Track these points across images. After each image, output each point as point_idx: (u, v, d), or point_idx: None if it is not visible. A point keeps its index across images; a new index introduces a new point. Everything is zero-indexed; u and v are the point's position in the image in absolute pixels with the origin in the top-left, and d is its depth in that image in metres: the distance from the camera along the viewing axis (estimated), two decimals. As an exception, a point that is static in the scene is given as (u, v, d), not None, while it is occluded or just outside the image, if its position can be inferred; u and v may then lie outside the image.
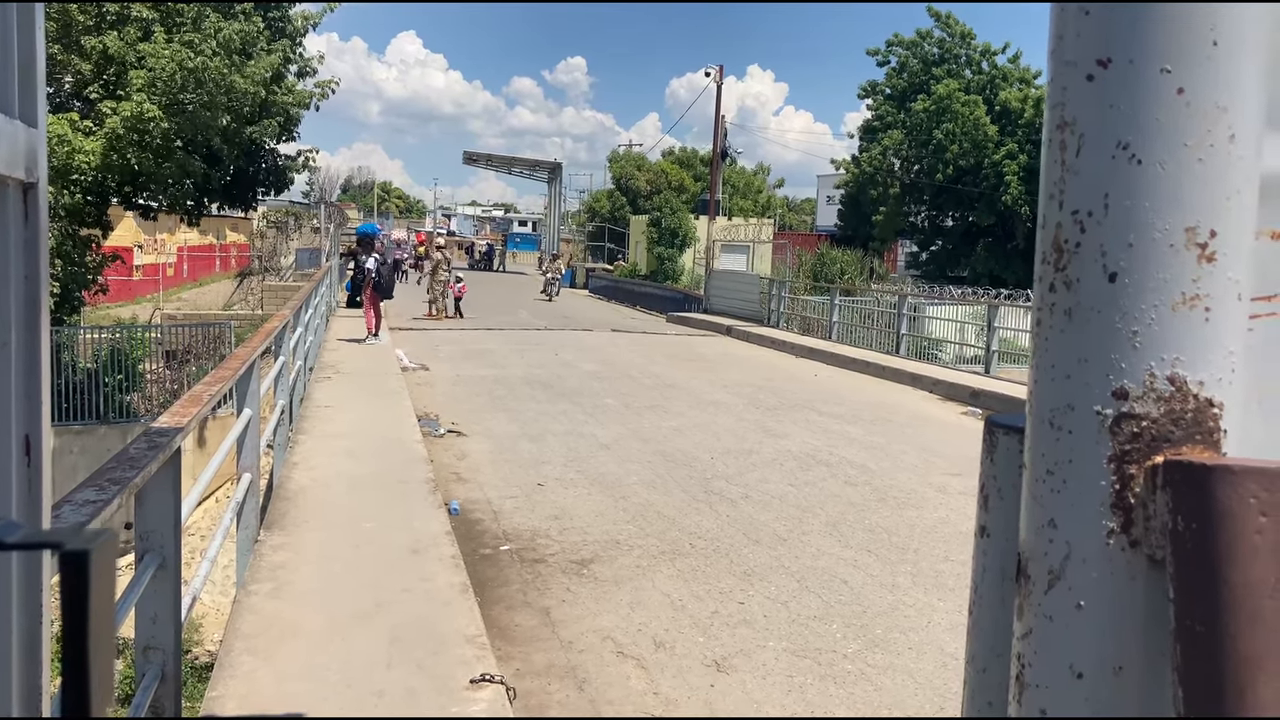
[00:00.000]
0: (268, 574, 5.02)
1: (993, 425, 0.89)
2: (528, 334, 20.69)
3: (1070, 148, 0.73)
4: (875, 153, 42.02)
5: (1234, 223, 0.70)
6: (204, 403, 3.70)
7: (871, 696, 4.68)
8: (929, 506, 7.96)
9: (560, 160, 55.18)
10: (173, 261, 40.14)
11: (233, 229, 48.67)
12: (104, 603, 0.63)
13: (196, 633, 11.80)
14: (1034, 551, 0.76)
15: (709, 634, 5.30)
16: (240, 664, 3.94)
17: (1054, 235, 0.75)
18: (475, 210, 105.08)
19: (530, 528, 7.04)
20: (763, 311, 23.12)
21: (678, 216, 41.12)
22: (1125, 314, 0.71)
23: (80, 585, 0.60)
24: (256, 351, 5.80)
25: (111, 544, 0.64)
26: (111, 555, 0.64)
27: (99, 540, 0.62)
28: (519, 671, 4.70)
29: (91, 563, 0.60)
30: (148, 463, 2.59)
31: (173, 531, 2.97)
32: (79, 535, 0.62)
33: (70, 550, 0.60)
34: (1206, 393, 0.70)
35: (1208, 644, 0.64)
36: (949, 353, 19.13)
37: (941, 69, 40.85)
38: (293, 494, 6.57)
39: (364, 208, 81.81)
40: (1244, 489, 0.65)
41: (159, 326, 23.38)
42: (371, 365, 13.60)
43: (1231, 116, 0.70)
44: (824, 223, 52.54)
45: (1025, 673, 0.76)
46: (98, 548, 0.62)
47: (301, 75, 21.01)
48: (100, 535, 0.63)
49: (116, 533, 0.70)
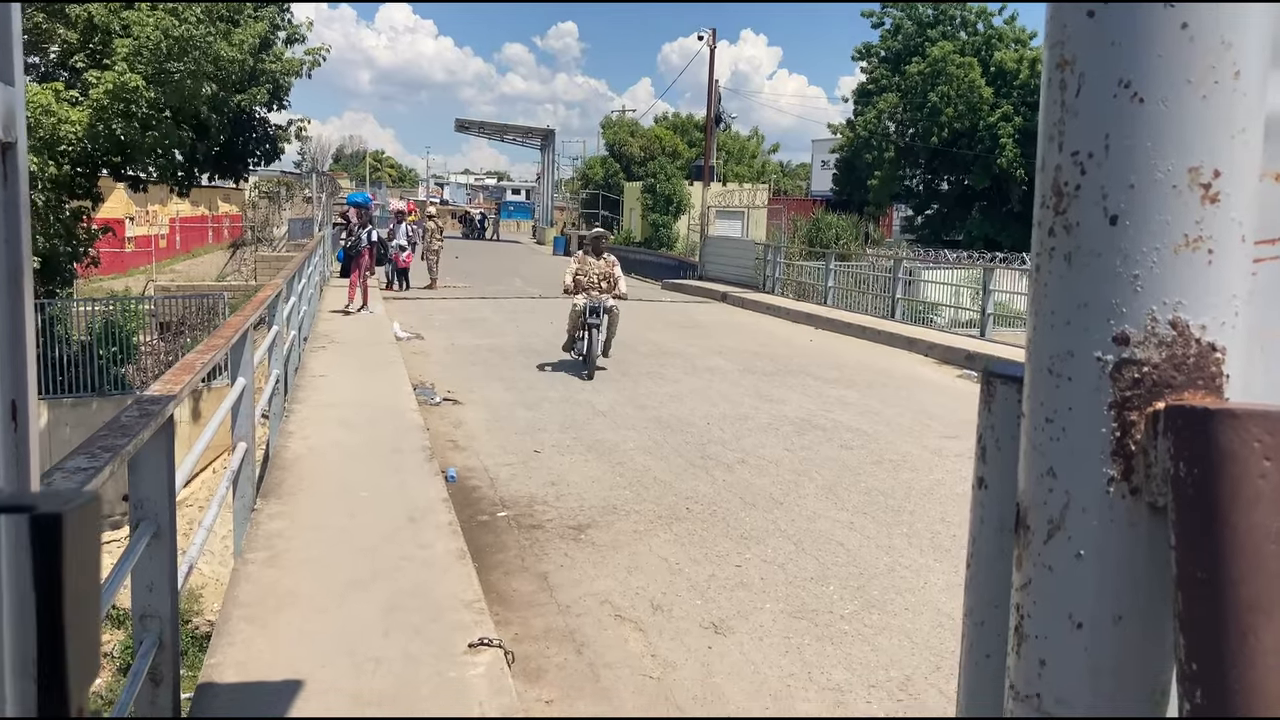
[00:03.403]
0: (264, 542, 5.03)
1: (991, 375, 0.87)
2: (522, 302, 20.64)
3: (1070, 87, 0.71)
4: (870, 116, 41.77)
5: (1238, 163, 0.69)
6: (196, 370, 3.68)
7: (868, 656, 4.71)
8: (925, 469, 7.98)
9: (553, 127, 54.98)
10: (165, 233, 39.93)
11: (224, 200, 48.38)
12: (83, 572, 0.58)
13: (197, 602, 11.87)
14: (1033, 501, 0.74)
15: (706, 597, 5.32)
16: (238, 632, 3.95)
17: (1053, 178, 0.73)
18: (468, 179, 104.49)
19: (527, 494, 7.05)
20: (758, 277, 23.08)
21: (672, 183, 40.94)
22: (1126, 257, 0.69)
23: (52, 553, 0.55)
24: (249, 320, 5.78)
25: (91, 509, 0.59)
26: (92, 521, 0.59)
27: (74, 503, 0.58)
28: (517, 636, 4.72)
29: (66, 528, 0.56)
30: (140, 430, 2.57)
31: (167, 499, 2.96)
32: (53, 498, 0.57)
33: (41, 514, 0.56)
34: (1209, 337, 0.69)
35: (1210, 590, 0.63)
36: (944, 316, 19.12)
37: (936, 30, 40.53)
38: (289, 463, 6.57)
39: (356, 177, 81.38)
40: (1247, 433, 0.63)
41: (152, 298, 23.28)
42: (366, 335, 13.58)
43: (1236, 52, 0.68)
44: (819, 188, 52.31)
45: (1024, 624, 0.75)
46: (73, 512, 0.57)
47: (290, 43, 20.77)
48: (76, 498, 0.58)
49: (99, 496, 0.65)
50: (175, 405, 3.13)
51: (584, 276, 12.11)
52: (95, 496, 0.61)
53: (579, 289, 12.00)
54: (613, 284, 12.09)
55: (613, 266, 12.19)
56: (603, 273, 12.09)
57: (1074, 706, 0.72)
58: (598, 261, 12.19)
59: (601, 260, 12.20)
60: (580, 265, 12.20)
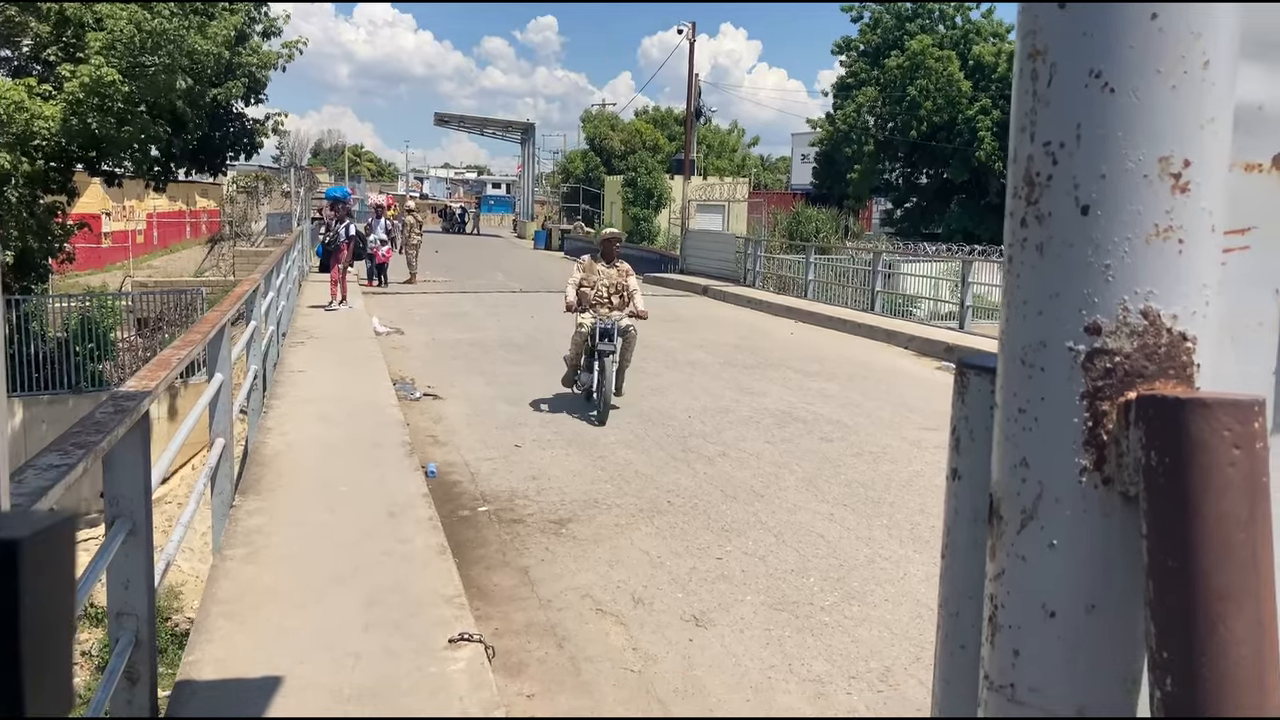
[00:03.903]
0: (243, 539, 5.00)
1: (964, 366, 0.88)
2: (503, 296, 20.59)
3: (1042, 77, 0.71)
4: (849, 110, 41.88)
5: (1208, 152, 0.69)
6: (173, 366, 3.65)
7: (849, 648, 4.73)
8: (904, 461, 8.02)
9: (533, 121, 54.75)
10: (142, 228, 39.60)
11: (202, 194, 48.02)
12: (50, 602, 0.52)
13: (176, 600, 11.78)
14: (1006, 492, 0.75)
15: (687, 590, 5.33)
16: (217, 628, 3.93)
17: (1025, 168, 0.73)
18: (448, 173, 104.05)
19: (508, 489, 7.04)
20: (739, 271, 23.10)
21: (653, 176, 40.89)
22: (1098, 247, 0.69)
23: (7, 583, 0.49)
24: (227, 315, 5.73)
25: (61, 532, 0.53)
26: (62, 545, 0.53)
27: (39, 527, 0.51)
28: (498, 631, 4.71)
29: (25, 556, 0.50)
30: (115, 426, 2.55)
31: (143, 496, 2.93)
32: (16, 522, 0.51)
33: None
34: (1180, 326, 0.69)
35: (1180, 578, 0.63)
36: (923, 309, 19.21)
37: (915, 24, 40.67)
38: (267, 459, 6.53)
39: (335, 171, 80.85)
40: (1218, 422, 0.64)
41: (130, 294, 23.09)
42: (345, 330, 13.51)
43: (1205, 43, 0.68)
44: (799, 181, 52.42)
45: (998, 614, 0.75)
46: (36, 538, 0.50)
47: (267, 36, 20.62)
48: (41, 522, 0.52)
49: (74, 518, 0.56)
50: (151, 401, 3.11)
51: (590, 288, 9.48)
52: (69, 519, 0.55)
53: (584, 305, 9.43)
54: (627, 299, 9.52)
55: (627, 276, 9.57)
56: (615, 284, 9.49)
57: (1047, 695, 0.72)
58: (608, 270, 9.57)
59: (613, 268, 9.59)
60: (586, 274, 9.57)
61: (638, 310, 9.52)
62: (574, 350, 9.35)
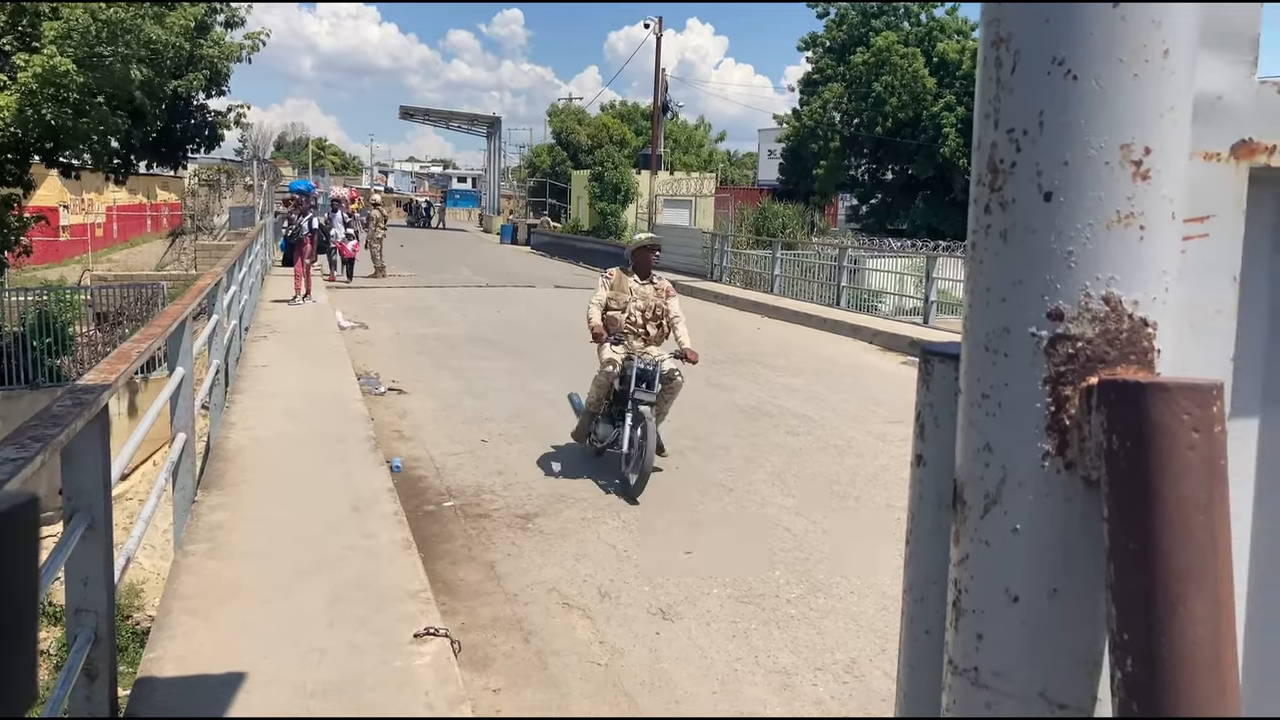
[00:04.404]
0: (206, 534, 4.94)
1: (928, 353, 0.88)
2: (469, 291, 20.49)
3: (1005, 64, 0.72)
4: (816, 106, 42.07)
5: (1168, 140, 0.69)
6: (132, 360, 3.59)
7: (814, 640, 4.76)
8: (869, 454, 8.07)
9: (499, 115, 54.50)
10: (101, 221, 38.99)
11: (163, 187, 47.39)
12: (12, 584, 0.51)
13: (137, 598, 11.63)
14: (970, 477, 0.75)
15: (654, 583, 5.34)
16: (179, 625, 3.88)
17: (989, 155, 0.73)
18: (413, 167, 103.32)
19: (474, 483, 7.01)
20: (706, 266, 23.15)
21: (620, 171, 40.83)
22: (1060, 233, 0.70)
23: None
24: (188, 309, 5.66)
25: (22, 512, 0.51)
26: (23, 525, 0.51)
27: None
28: (464, 625, 4.70)
29: None
30: (73, 420, 2.51)
31: (102, 491, 2.89)
32: None
33: None
34: (1141, 312, 0.70)
35: (1141, 560, 0.64)
36: (889, 304, 19.34)
37: (880, 21, 40.90)
38: (230, 454, 6.47)
39: (299, 165, 79.99)
40: (1177, 406, 0.64)
41: (88, 288, 22.73)
42: (309, 324, 13.39)
43: (1165, 31, 0.68)
44: (766, 177, 52.54)
45: (962, 598, 0.76)
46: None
47: (229, 26, 20.36)
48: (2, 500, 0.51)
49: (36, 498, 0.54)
50: (110, 394, 3.06)
51: (620, 311, 7.34)
52: (32, 499, 0.53)
53: (611, 333, 7.32)
54: (666, 328, 7.39)
55: (667, 298, 7.42)
56: (651, 307, 7.36)
57: (1010, 679, 0.72)
58: (642, 288, 7.41)
59: (649, 286, 7.45)
60: (615, 291, 7.40)
61: (684, 347, 7.15)
62: (595, 394, 7.25)
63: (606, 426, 7.32)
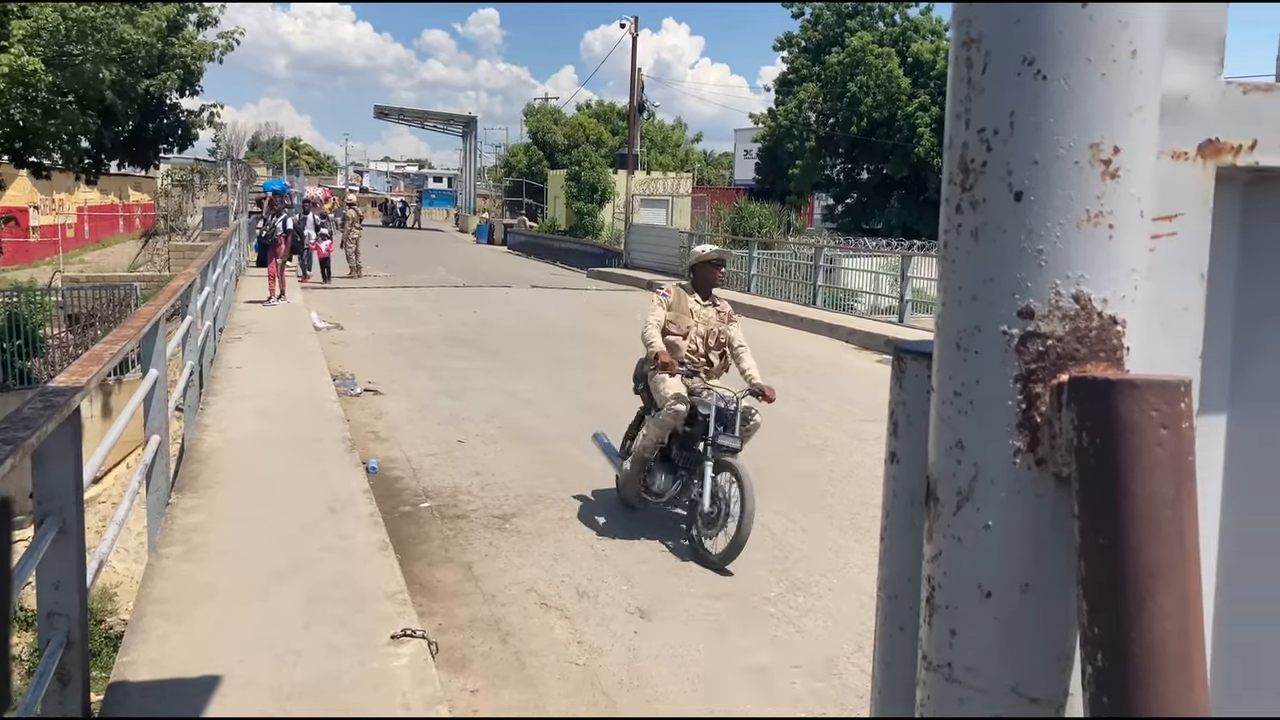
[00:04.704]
0: (180, 536, 4.90)
1: (901, 352, 0.89)
2: (446, 291, 20.41)
3: (976, 65, 0.72)
4: (791, 106, 42.14)
5: (1137, 139, 0.70)
6: (105, 361, 3.56)
7: (792, 638, 4.77)
8: (845, 453, 8.11)
9: (475, 114, 54.40)
10: (72, 222, 38.54)
11: (135, 188, 46.90)
12: None
13: (110, 602, 11.52)
14: (942, 473, 0.75)
15: (632, 582, 5.34)
16: (153, 628, 3.85)
17: (960, 155, 0.74)
18: (389, 166, 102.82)
19: (451, 484, 6.99)
20: (683, 265, 23.15)
21: (596, 171, 40.80)
22: (1031, 232, 0.70)
23: None
24: (161, 310, 5.62)
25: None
26: None
27: None
28: (441, 626, 4.68)
29: None
30: (43, 423, 2.48)
31: (74, 494, 2.86)
32: None
33: None
34: (1110, 310, 0.70)
35: (1110, 556, 0.65)
36: (864, 303, 19.42)
37: (855, 21, 41.03)
38: (204, 456, 6.41)
39: (273, 165, 79.40)
40: (1146, 403, 0.65)
41: (59, 289, 22.45)
42: (284, 325, 13.30)
43: (1133, 32, 0.69)
44: (742, 176, 52.63)
45: (935, 594, 0.76)
46: None
47: (201, 26, 20.19)
48: None
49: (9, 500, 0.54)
50: (82, 397, 3.03)
51: (681, 336, 6.26)
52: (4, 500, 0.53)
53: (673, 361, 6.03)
54: (729, 357, 6.37)
55: (729, 323, 6.41)
56: (715, 333, 6.33)
57: (983, 674, 0.73)
58: (703, 308, 6.37)
59: (712, 307, 6.41)
60: (676, 313, 6.32)
61: (755, 381, 6.13)
62: (653, 437, 6.00)
63: (665, 476, 6.10)
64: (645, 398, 6.44)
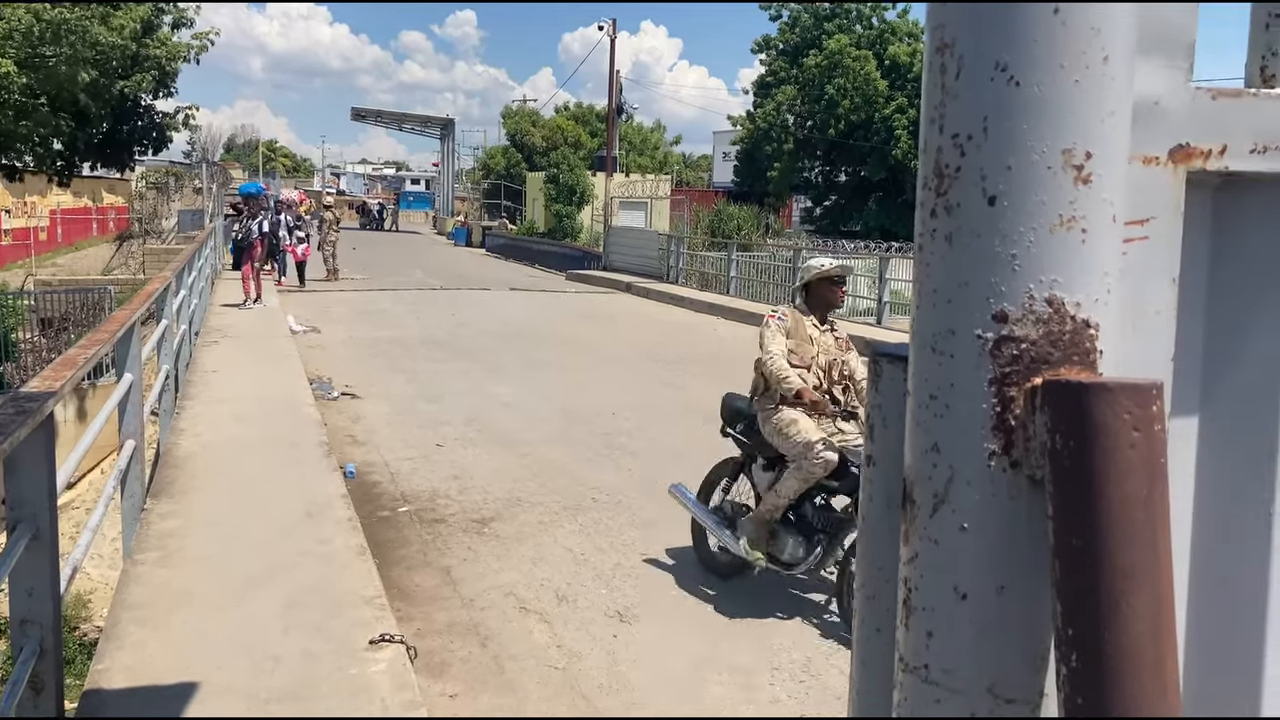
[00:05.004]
0: (156, 542, 4.86)
1: (877, 355, 0.89)
2: (423, 294, 20.35)
3: (950, 70, 0.73)
4: (769, 108, 42.28)
5: (1109, 145, 0.71)
6: (79, 365, 3.53)
7: (772, 639, 4.78)
8: (825, 455, 8.12)
9: (453, 116, 54.34)
10: (45, 225, 38.11)
11: (109, 190, 46.45)
12: None
13: (85, 609, 11.40)
14: (918, 476, 0.76)
15: (611, 586, 5.34)
16: (128, 635, 3.81)
17: (934, 160, 0.74)
18: (366, 169, 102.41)
19: (429, 488, 6.96)
20: (662, 268, 23.19)
21: (575, 173, 40.77)
22: (1004, 237, 0.71)
23: None
24: (136, 314, 5.57)
25: None
26: None
27: None
28: (420, 631, 4.66)
29: None
30: (16, 428, 2.46)
31: (47, 500, 2.83)
32: None
33: None
34: (1083, 314, 0.71)
35: (1084, 558, 0.65)
36: (842, 305, 19.49)
37: (833, 24, 41.21)
38: (180, 460, 6.36)
39: (249, 167, 78.90)
40: (1119, 405, 0.66)
41: (32, 293, 22.23)
42: (260, 329, 13.21)
43: (1105, 38, 0.70)
44: (720, 179, 52.73)
45: (912, 596, 0.76)
46: None
47: (176, 27, 20.07)
48: None
49: None
50: (55, 402, 3.00)
51: (803, 365, 5.32)
52: None
53: None
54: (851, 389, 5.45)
55: (848, 350, 5.57)
56: (837, 363, 5.48)
57: (959, 675, 0.73)
58: (822, 335, 5.52)
59: (830, 333, 5.57)
60: (796, 340, 5.38)
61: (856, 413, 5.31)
62: (791, 490, 5.00)
63: (795, 539, 5.04)
64: (751, 442, 5.40)
